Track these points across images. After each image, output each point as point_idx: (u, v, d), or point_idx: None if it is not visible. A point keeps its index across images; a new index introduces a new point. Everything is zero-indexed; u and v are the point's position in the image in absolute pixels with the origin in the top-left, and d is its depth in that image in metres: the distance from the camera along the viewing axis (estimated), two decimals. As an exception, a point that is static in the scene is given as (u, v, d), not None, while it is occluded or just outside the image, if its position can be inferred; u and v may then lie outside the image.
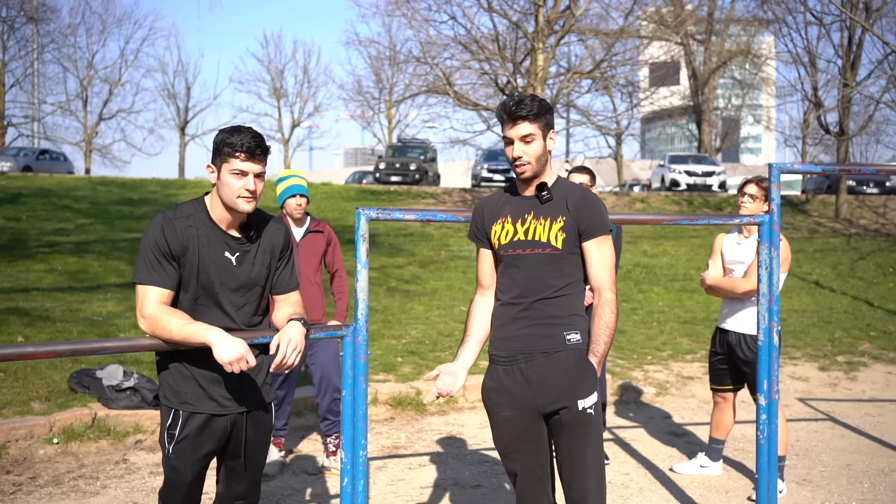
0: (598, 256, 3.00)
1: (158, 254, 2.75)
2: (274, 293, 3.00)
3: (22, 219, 15.55)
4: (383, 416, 6.49)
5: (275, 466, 5.12)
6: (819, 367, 8.21)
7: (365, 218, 3.17)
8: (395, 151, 29.19)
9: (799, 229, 19.15)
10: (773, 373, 3.76)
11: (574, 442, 2.95)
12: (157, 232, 2.76)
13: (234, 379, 2.84)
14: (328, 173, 52.59)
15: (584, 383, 2.95)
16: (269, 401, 3.02)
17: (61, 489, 4.73)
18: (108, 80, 43.01)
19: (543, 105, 3.02)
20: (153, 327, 2.69)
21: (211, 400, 2.85)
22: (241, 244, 2.89)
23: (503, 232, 3.06)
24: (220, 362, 2.65)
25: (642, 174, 47.47)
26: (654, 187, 30.30)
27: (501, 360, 3.04)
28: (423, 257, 14.04)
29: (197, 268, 2.80)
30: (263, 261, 2.93)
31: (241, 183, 2.77)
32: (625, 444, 5.91)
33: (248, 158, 2.76)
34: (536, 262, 2.99)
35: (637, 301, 11.16)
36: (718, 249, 4.99)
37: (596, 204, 3.03)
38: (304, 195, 5.05)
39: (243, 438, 2.92)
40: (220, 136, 2.79)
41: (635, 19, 21.46)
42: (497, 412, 3.05)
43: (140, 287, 2.75)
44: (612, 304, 2.97)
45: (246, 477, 2.98)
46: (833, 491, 4.92)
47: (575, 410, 2.93)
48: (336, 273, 5.32)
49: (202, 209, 2.86)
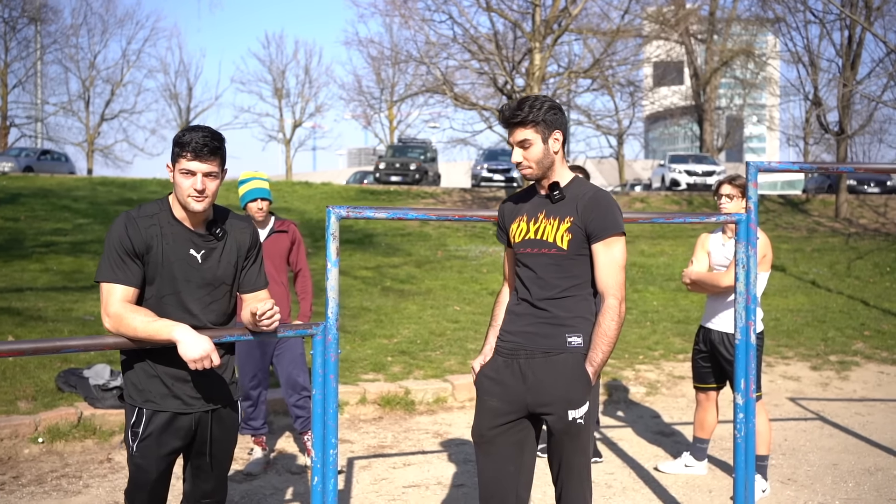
0: (605, 259, 2.97)
1: (122, 252, 2.76)
2: (241, 292, 3.00)
3: (20, 219, 15.57)
4: (371, 415, 6.49)
5: (258, 465, 5.12)
6: (811, 366, 8.18)
7: (335, 217, 3.17)
8: (395, 151, 29.20)
9: (798, 229, 19.11)
10: (751, 371, 3.75)
11: (562, 449, 3.01)
12: (120, 230, 2.77)
13: (199, 377, 2.84)
14: (332, 173, 52.61)
15: (576, 393, 2.94)
16: (235, 399, 3.02)
17: (43, 488, 4.73)
18: (111, 81, 43.15)
19: (542, 107, 2.98)
20: (118, 325, 2.69)
21: (175, 398, 2.85)
22: (207, 242, 2.89)
23: (518, 230, 3.10)
24: (185, 359, 2.65)
25: (644, 174, 47.45)
26: (654, 187, 30.27)
27: (504, 352, 3.07)
28: (420, 257, 14.03)
29: (161, 265, 2.80)
30: (230, 259, 2.93)
31: (189, 182, 2.77)
32: (612, 443, 5.89)
33: (195, 158, 2.76)
34: (543, 262, 3.01)
35: (632, 301, 11.14)
36: (703, 248, 4.99)
37: (606, 205, 2.99)
38: (266, 198, 5.10)
39: (209, 436, 2.93)
40: (176, 135, 2.81)
41: (633, 17, 21.40)
42: (486, 400, 3.07)
43: (104, 285, 2.75)
44: (614, 311, 2.93)
45: (212, 475, 2.99)
46: (817, 490, 4.91)
47: (565, 420, 2.94)
48: (300, 273, 5.34)
49: (166, 208, 2.87)
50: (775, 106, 38.97)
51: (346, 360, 7.55)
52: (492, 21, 20.30)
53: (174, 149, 2.80)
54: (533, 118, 2.96)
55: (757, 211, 3.76)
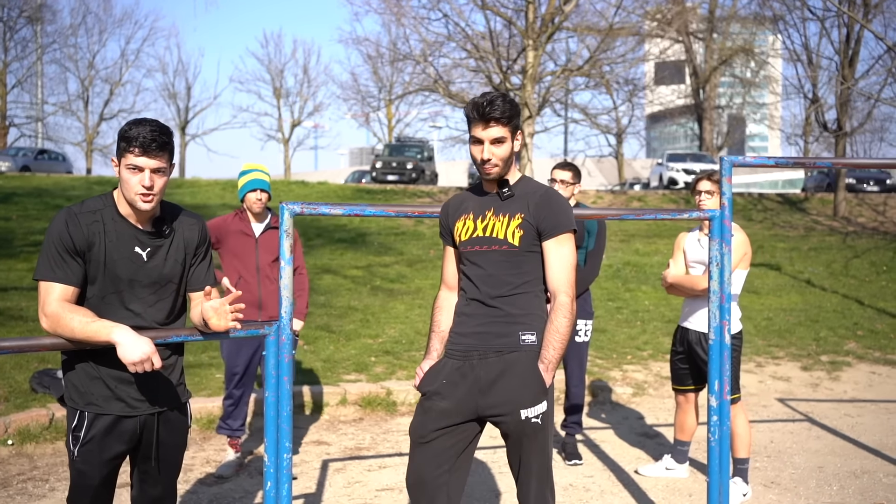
0: (555, 257, 2.92)
1: (62, 249, 2.65)
2: (190, 290, 2.89)
3: (11, 218, 15.49)
4: (352, 416, 6.39)
5: (230, 468, 5.02)
6: (802, 366, 8.08)
7: (288, 213, 3.07)
8: (392, 150, 29.10)
9: (796, 227, 18.98)
10: (725, 373, 3.64)
11: (520, 450, 2.93)
12: (60, 227, 2.66)
13: (144, 379, 2.74)
14: (332, 173, 52.56)
15: (529, 392, 2.85)
16: (184, 401, 2.92)
17: (8, 492, 4.64)
18: (109, 81, 43.11)
19: (515, 107, 2.98)
20: (55, 326, 2.59)
21: (119, 401, 2.74)
22: (153, 239, 2.79)
23: (464, 228, 3.02)
24: (125, 362, 2.54)
25: (644, 173, 47.32)
26: (652, 186, 30.16)
27: (456, 354, 2.98)
28: (412, 256, 13.92)
29: (104, 264, 2.70)
30: (177, 257, 2.83)
31: (137, 179, 2.66)
32: (593, 445, 5.79)
33: (143, 153, 2.65)
34: (494, 260, 2.94)
35: (623, 300, 11.03)
36: (680, 248, 4.88)
37: (557, 203, 2.96)
38: (265, 190, 4.96)
39: (154, 440, 2.82)
40: (121, 129, 2.69)
41: (628, 14, 21.26)
42: (435, 401, 2.94)
43: (42, 284, 2.65)
44: (566, 309, 2.88)
45: (160, 480, 2.88)
46: (800, 494, 4.80)
47: (518, 420, 2.85)
48: (296, 270, 5.20)
49: (110, 204, 2.76)
50: (776, 104, 38.82)
51: (329, 360, 7.45)
52: (486, 19, 20.20)
53: (120, 143, 2.69)
54: (508, 115, 2.92)
55: (731, 207, 3.65)
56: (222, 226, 4.98)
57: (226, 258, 5.00)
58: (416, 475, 2.94)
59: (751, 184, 49.00)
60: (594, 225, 5.24)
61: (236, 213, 5.03)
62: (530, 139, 19.46)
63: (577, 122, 30.62)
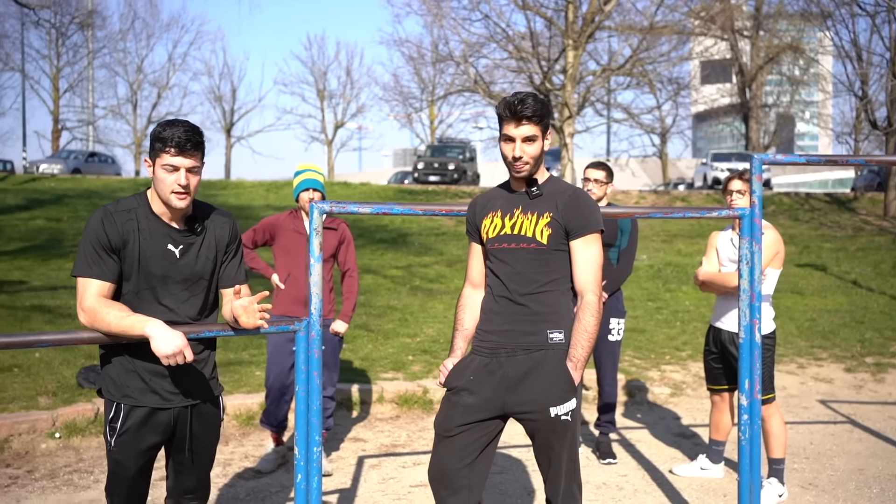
0: (583, 257, 2.95)
1: (98, 247, 2.75)
2: (221, 286, 2.98)
3: (62, 219, 15.92)
4: (388, 414, 6.46)
5: (269, 463, 5.10)
6: (845, 368, 7.94)
7: (318, 212, 3.14)
8: (434, 151, 29.18)
9: (844, 227, 18.63)
10: (756, 372, 3.62)
11: (548, 447, 2.96)
12: (97, 225, 2.76)
13: (177, 372, 2.83)
14: (376, 174, 52.87)
15: (558, 389, 2.89)
16: (216, 394, 3.00)
17: (55, 483, 4.79)
18: (157, 84, 43.96)
19: (545, 106, 3.01)
20: (92, 320, 2.69)
21: (153, 393, 2.84)
22: (185, 237, 2.88)
23: (492, 226, 3.06)
24: (158, 355, 2.63)
25: (689, 173, 46.77)
26: (696, 186, 29.82)
27: (484, 351, 3.02)
28: (452, 256, 13.98)
29: (138, 261, 2.80)
30: (209, 254, 2.92)
31: (173, 178, 2.75)
32: (629, 444, 5.77)
33: (178, 153, 2.74)
34: (522, 257, 2.98)
35: (663, 300, 10.95)
36: (713, 246, 4.85)
37: (586, 203, 2.99)
38: (318, 189, 4.95)
39: (188, 432, 2.91)
40: (154, 130, 2.78)
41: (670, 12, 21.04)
42: (462, 395, 3.00)
43: (80, 280, 2.75)
44: (593, 308, 2.91)
45: (194, 471, 2.97)
46: (839, 496, 4.74)
47: (547, 417, 2.89)
48: (347, 272, 5.25)
49: (144, 203, 2.86)
50: (825, 102, 38.06)
51: (367, 358, 7.53)
52: (527, 19, 20.18)
53: (155, 144, 2.77)
54: (539, 114, 2.95)
55: (762, 205, 3.63)
56: (276, 223, 5.06)
57: (278, 255, 5.06)
58: (439, 468, 2.99)
59: (799, 183, 48.15)
60: (627, 224, 5.23)
61: (291, 211, 5.10)
62: (570, 139, 19.39)
63: (619, 121, 30.39)
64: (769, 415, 4.59)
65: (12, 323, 8.07)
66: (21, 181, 24.19)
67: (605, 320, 5.30)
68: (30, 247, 13.13)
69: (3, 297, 9.36)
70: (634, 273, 12.56)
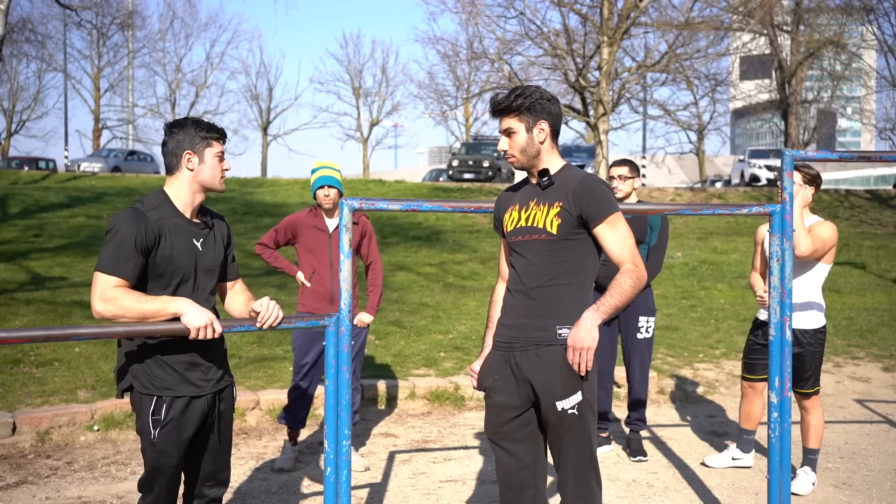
0: (612, 237, 2.93)
1: (132, 246, 2.81)
2: (227, 280, 3.19)
3: (102, 217, 16.19)
4: (420, 410, 6.51)
5: (288, 461, 5.10)
6: (883, 367, 7.83)
7: (348, 208, 3.18)
8: (468, 149, 29.17)
9: (885, 225, 18.30)
10: (786, 369, 3.60)
11: (558, 440, 2.99)
12: (131, 226, 2.83)
13: (205, 359, 2.97)
14: (411, 171, 52.99)
15: (561, 384, 2.90)
16: (231, 378, 3.17)
17: (93, 474, 4.90)
18: (195, 83, 44.53)
19: (528, 97, 2.99)
20: (116, 308, 2.74)
21: (189, 384, 2.96)
22: (202, 230, 3.05)
23: (510, 220, 3.10)
24: (190, 327, 2.75)
25: (726, 170, 46.24)
26: (733, 183, 29.48)
27: (501, 346, 3.07)
28: (486, 253, 13.99)
29: (171, 257, 2.89)
30: (219, 247, 3.11)
31: (222, 164, 3.02)
32: (660, 442, 5.76)
33: (224, 143, 3.05)
34: (535, 249, 3.00)
35: (698, 298, 10.86)
36: (759, 242, 4.88)
37: (597, 187, 2.97)
38: (334, 186, 5.00)
39: (216, 415, 3.06)
40: (194, 127, 2.97)
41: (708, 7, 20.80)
42: (492, 397, 3.07)
43: (102, 276, 2.79)
44: (631, 272, 2.87)
45: (218, 454, 3.10)
46: (873, 496, 4.68)
47: (555, 412, 2.92)
48: (371, 265, 5.28)
49: (167, 200, 2.98)
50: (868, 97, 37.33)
51: (399, 355, 7.59)
52: (563, 15, 20.10)
53: (205, 136, 2.98)
54: (517, 107, 2.97)
55: (793, 202, 3.60)
56: (297, 222, 5.10)
57: (301, 253, 5.10)
58: (500, 469, 3.08)
59: (840, 180, 47.33)
60: (657, 220, 5.21)
61: (311, 209, 5.14)
62: (605, 136, 19.28)
63: (656, 118, 30.13)
64: (812, 406, 4.70)
65: (53, 318, 8.26)
66: (63, 179, 24.69)
67: (634, 318, 5.28)
68: (71, 244, 13.40)
69: (45, 292, 9.58)
70: (668, 270, 12.48)
